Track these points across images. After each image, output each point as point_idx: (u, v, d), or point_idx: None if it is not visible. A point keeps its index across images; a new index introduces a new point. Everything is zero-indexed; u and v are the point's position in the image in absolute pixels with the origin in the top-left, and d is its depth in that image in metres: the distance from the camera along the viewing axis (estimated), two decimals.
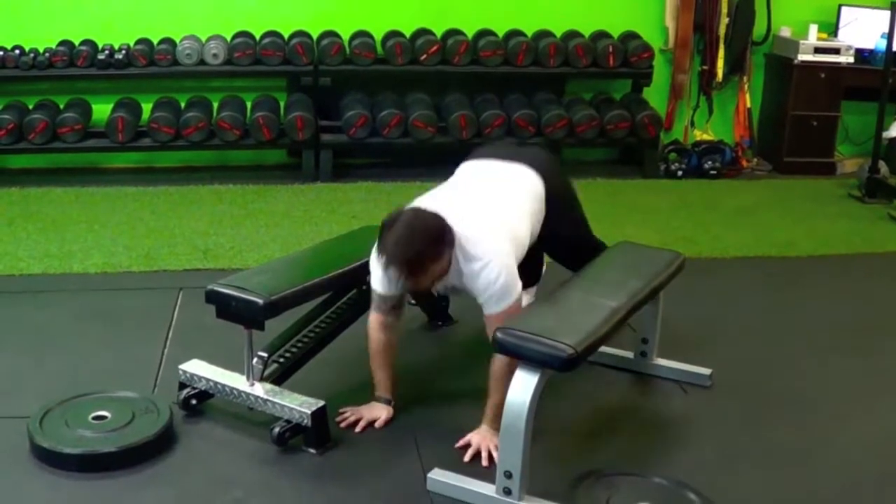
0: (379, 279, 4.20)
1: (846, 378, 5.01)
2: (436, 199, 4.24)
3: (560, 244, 4.86)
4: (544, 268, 5.25)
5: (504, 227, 4.23)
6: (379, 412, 4.39)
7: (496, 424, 4.00)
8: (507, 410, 3.62)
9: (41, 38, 8.08)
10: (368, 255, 4.39)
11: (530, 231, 4.42)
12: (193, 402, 4.38)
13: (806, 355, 5.25)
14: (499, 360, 4.02)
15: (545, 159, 4.73)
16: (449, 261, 4.04)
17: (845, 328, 5.64)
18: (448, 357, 5.17)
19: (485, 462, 4.05)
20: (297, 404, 4.11)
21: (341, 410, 4.41)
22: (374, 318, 4.37)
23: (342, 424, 4.35)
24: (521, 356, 3.65)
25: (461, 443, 4.18)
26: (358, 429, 4.34)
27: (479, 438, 4.15)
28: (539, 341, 3.61)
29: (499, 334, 3.70)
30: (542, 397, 3.66)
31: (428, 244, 3.95)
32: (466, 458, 4.09)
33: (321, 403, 4.13)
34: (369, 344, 4.39)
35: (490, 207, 4.31)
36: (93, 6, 8.27)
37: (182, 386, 4.40)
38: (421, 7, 8.71)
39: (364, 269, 4.44)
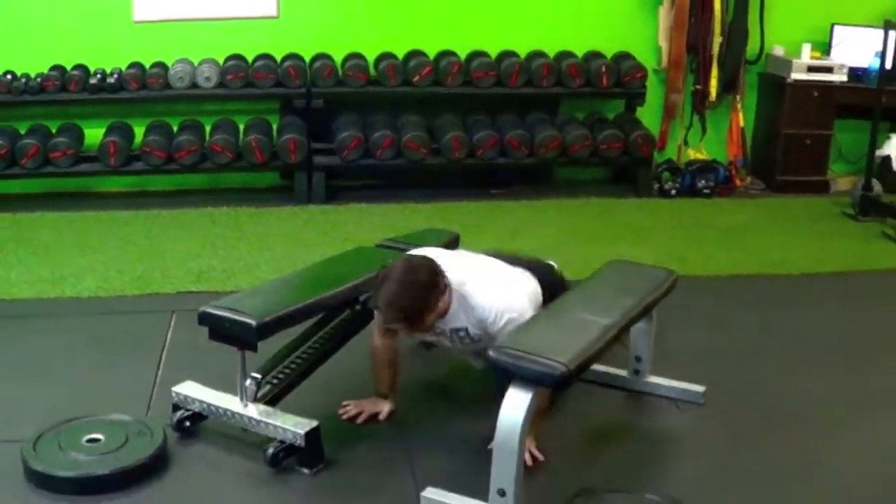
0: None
1: (840, 395, 5.00)
2: (436, 253, 4.39)
3: None
4: None
5: (507, 280, 4.40)
6: (382, 406, 4.55)
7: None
8: (500, 429, 3.61)
9: (33, 62, 8.10)
10: (360, 276, 4.48)
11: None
12: (187, 423, 4.37)
13: (799, 373, 5.24)
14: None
15: (546, 271, 4.84)
16: (446, 307, 4.17)
17: (839, 346, 5.64)
18: (442, 377, 5.16)
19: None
20: (291, 425, 4.10)
21: (344, 404, 4.55)
22: (375, 332, 4.55)
23: (344, 416, 4.49)
24: (514, 375, 3.64)
25: None
26: (359, 420, 4.50)
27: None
28: (532, 359, 3.60)
29: (492, 353, 3.70)
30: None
31: (419, 298, 4.05)
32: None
33: (315, 423, 4.12)
34: (371, 348, 4.57)
35: (492, 267, 4.49)
36: (84, 30, 8.28)
37: (175, 408, 4.39)
38: (413, 28, 8.72)
39: (356, 290, 4.47)
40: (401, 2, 8.71)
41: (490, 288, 4.25)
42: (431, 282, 4.10)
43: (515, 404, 3.60)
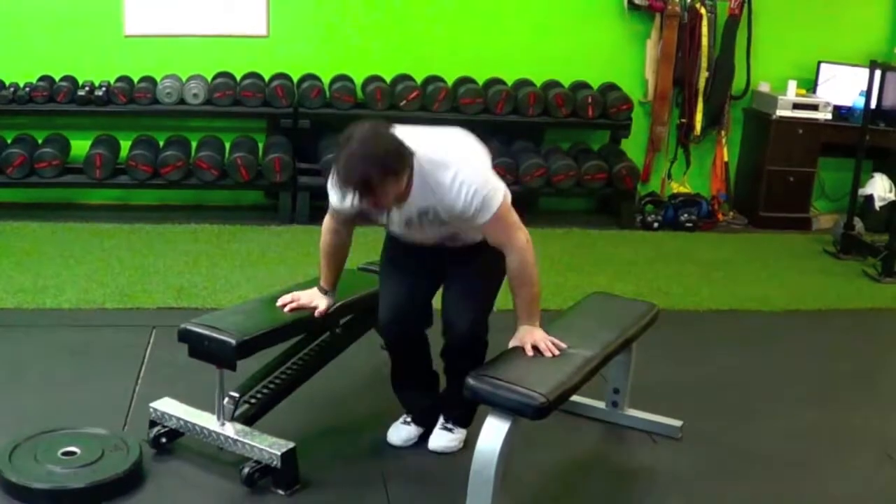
0: (334, 193, 4.07)
1: (817, 433, 5.01)
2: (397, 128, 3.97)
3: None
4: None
5: (471, 152, 4.28)
6: (319, 301, 4.41)
7: (533, 320, 4.08)
8: (476, 458, 3.61)
9: (21, 72, 8.09)
10: (342, 298, 4.44)
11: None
12: (163, 440, 4.36)
13: (777, 409, 5.25)
14: (513, 262, 4.06)
15: None
16: (408, 181, 3.88)
17: (817, 383, 5.66)
18: None
19: (548, 354, 3.97)
20: (267, 445, 4.10)
21: (283, 298, 4.43)
22: (327, 221, 4.35)
23: (286, 309, 4.37)
24: (493, 404, 3.65)
25: (512, 345, 4.09)
26: (288, 308, 4.37)
27: (526, 337, 4.05)
28: (511, 389, 3.61)
29: (471, 381, 3.70)
30: (512, 445, 3.66)
31: (383, 164, 3.72)
32: (529, 353, 3.98)
33: (291, 445, 4.11)
34: (321, 243, 4.41)
35: (455, 140, 4.30)
36: (74, 42, 8.28)
37: (152, 424, 4.38)
38: (402, 53, 8.74)
39: (337, 312, 4.47)
40: (390, 26, 8.73)
41: (455, 164, 4.01)
42: (399, 150, 3.80)
43: (493, 433, 3.61)
